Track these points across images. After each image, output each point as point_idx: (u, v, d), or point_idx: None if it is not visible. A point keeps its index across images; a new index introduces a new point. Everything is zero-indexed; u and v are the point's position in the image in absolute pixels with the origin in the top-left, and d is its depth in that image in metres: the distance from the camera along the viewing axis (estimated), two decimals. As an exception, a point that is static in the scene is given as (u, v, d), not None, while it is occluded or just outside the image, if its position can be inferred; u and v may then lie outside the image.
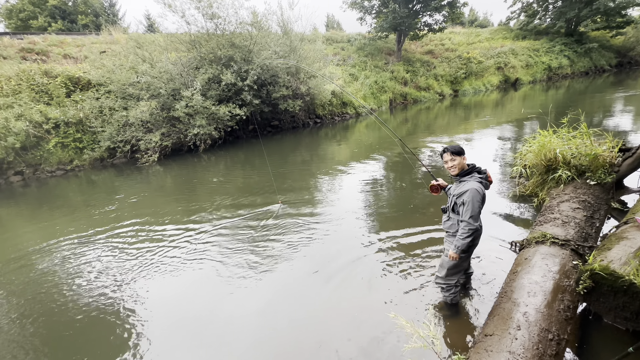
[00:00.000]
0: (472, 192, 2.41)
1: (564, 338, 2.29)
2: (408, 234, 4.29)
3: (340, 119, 15.14)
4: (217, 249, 4.34)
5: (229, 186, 7.00)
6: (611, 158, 4.49)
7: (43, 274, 4.15)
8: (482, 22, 41.83)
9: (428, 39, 23.05)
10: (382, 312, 2.89)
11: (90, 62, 11.12)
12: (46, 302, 3.59)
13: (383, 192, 6.02)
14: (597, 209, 3.94)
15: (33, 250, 4.81)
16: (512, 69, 22.54)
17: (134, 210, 6.07)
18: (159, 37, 11.51)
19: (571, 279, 2.74)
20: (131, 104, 9.86)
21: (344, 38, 22.48)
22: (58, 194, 7.70)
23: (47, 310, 3.45)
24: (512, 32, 27.06)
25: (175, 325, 3.09)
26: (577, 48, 24.65)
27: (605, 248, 2.71)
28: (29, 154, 9.04)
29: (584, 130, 4.74)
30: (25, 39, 12.62)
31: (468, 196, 2.42)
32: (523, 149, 5.37)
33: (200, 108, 9.80)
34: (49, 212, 6.39)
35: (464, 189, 2.46)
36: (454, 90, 20.86)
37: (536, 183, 4.92)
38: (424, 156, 8.10)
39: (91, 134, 9.82)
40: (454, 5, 19.61)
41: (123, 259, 4.33)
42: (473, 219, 2.42)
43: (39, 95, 9.75)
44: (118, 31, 14.89)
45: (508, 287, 2.73)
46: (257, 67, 10.74)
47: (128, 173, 8.94)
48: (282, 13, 12.34)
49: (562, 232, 3.35)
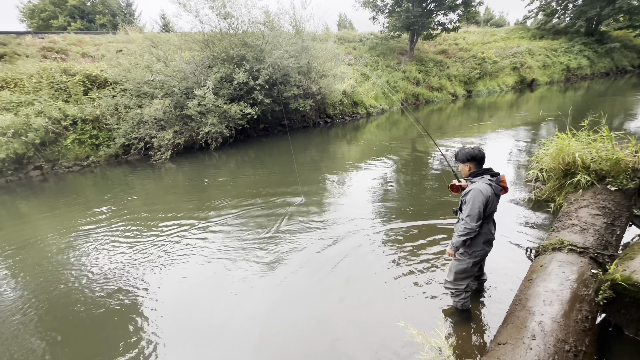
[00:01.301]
0: (474, 192, 2.39)
1: (582, 350, 2.20)
2: (419, 237, 4.23)
3: (351, 118, 15.07)
4: (225, 247, 4.38)
5: (239, 184, 7.05)
6: (634, 163, 4.30)
7: (55, 265, 4.27)
8: (497, 21, 40.89)
9: (442, 38, 22.67)
10: (391, 320, 2.84)
11: (107, 60, 11.38)
12: (54, 295, 3.69)
13: (393, 193, 5.95)
14: (618, 216, 3.79)
15: (47, 240, 4.96)
16: (528, 69, 21.95)
17: (146, 207, 6.18)
18: (173, 37, 11.69)
19: (590, 288, 2.64)
20: (145, 102, 10.05)
21: (356, 37, 22.34)
22: (75, 188, 7.92)
23: (54, 304, 3.55)
24: (530, 31, 26.33)
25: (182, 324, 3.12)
26: (598, 48, 23.80)
27: (627, 257, 2.60)
28: (47, 149, 9.33)
29: (606, 133, 4.57)
30: (46, 38, 13.04)
31: (470, 195, 2.42)
32: (540, 152, 5.22)
33: (212, 107, 9.91)
34: (66, 207, 6.58)
35: (469, 189, 2.47)
36: (467, 90, 20.47)
37: (553, 188, 4.77)
38: (435, 156, 7.97)
39: (107, 131, 10.06)
40: (469, 4, 19.21)
41: (132, 254, 4.42)
42: (470, 218, 2.40)
43: (58, 92, 10.05)
44: (134, 30, 15.20)
45: (523, 295, 2.65)
46: (269, 67, 10.79)
47: (141, 169, 9.13)
48: (295, 12, 12.37)
49: (581, 239, 3.23)
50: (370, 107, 15.95)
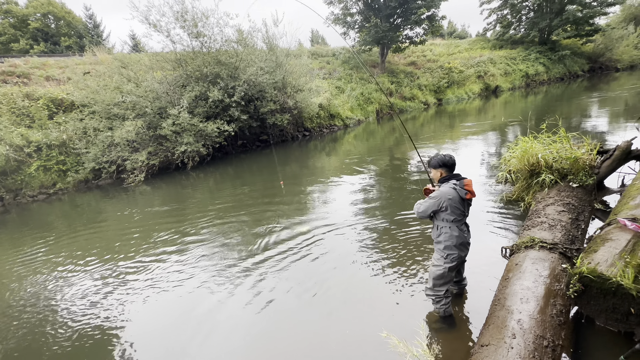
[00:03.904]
0: (437, 192, 2.63)
1: (559, 344, 2.29)
2: (401, 244, 4.28)
3: (329, 130, 15.29)
4: (206, 267, 4.23)
5: (217, 202, 6.90)
6: (590, 160, 4.65)
7: (24, 306, 3.94)
8: (460, 34, 43.62)
9: (410, 51, 23.79)
10: (374, 330, 2.83)
11: (74, 83, 10.98)
12: (28, 338, 3.39)
13: (374, 203, 6.03)
14: (582, 211, 4.04)
15: (12, 281, 4.58)
16: (491, 77, 23.40)
17: (121, 231, 5.89)
18: (144, 57, 11.51)
19: (562, 282, 2.77)
20: (116, 124, 9.72)
21: (329, 52, 22.98)
22: (40, 219, 7.42)
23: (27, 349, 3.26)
24: (490, 42, 28.27)
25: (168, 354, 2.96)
26: (551, 55, 25.87)
27: (591, 250, 2.76)
28: (9, 178, 8.74)
29: (563, 134, 4.91)
30: (5, 62, 12.42)
31: (434, 194, 2.65)
32: (506, 154, 5.51)
33: (187, 125, 9.75)
34: (30, 240, 6.14)
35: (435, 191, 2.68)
36: (437, 99, 21.45)
37: (521, 188, 5.03)
38: (412, 163, 8.21)
39: (75, 156, 9.60)
40: (433, 18, 20.41)
41: (109, 285, 4.16)
42: (421, 208, 2.69)
43: (20, 118, 9.54)
44: (102, 52, 14.82)
45: (501, 294, 2.74)
46: (244, 83, 10.82)
47: (114, 194, 8.73)
48: (267, 30, 12.58)
49: (550, 235, 3.40)
50: (346, 118, 16.28)
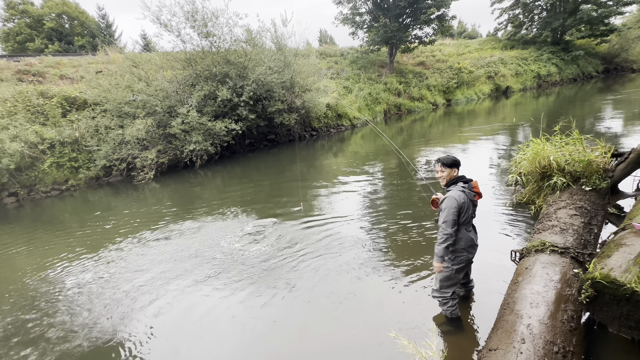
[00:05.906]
0: (449, 200, 2.48)
1: (570, 350, 2.24)
2: (407, 246, 4.25)
3: (336, 130, 15.27)
4: (209, 265, 4.27)
5: (225, 200, 6.96)
6: (604, 163, 4.53)
7: (34, 299, 4.04)
8: (470, 34, 43.03)
9: (419, 51, 23.57)
10: (382, 331, 2.82)
11: (87, 82, 11.20)
12: (38, 332, 3.48)
13: (381, 205, 6.00)
14: (594, 215, 3.95)
15: (25, 274, 4.70)
16: (502, 77, 23.02)
17: (130, 227, 5.98)
18: (154, 56, 11.67)
19: (573, 287, 2.71)
20: (127, 122, 9.89)
21: (337, 52, 22.94)
22: (53, 214, 7.60)
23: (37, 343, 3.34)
24: (501, 42, 27.80)
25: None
26: (564, 56, 25.32)
27: (604, 255, 2.69)
28: (23, 174, 8.97)
29: (576, 136, 4.81)
30: (21, 61, 12.75)
31: (445, 203, 2.50)
32: (517, 156, 5.42)
33: (196, 124, 9.86)
34: (43, 234, 6.29)
35: (444, 197, 2.56)
36: (446, 99, 21.20)
37: (532, 190, 4.94)
38: (420, 165, 8.14)
39: (87, 153, 9.80)
40: (443, 18, 20.19)
41: (118, 282, 4.24)
42: (446, 224, 2.47)
43: (35, 116, 9.77)
44: (114, 51, 15.10)
45: (510, 299, 2.69)
46: (253, 83, 10.89)
47: (124, 191, 8.88)
48: (276, 30, 12.61)
49: (561, 239, 3.33)
50: (354, 118, 16.24)
